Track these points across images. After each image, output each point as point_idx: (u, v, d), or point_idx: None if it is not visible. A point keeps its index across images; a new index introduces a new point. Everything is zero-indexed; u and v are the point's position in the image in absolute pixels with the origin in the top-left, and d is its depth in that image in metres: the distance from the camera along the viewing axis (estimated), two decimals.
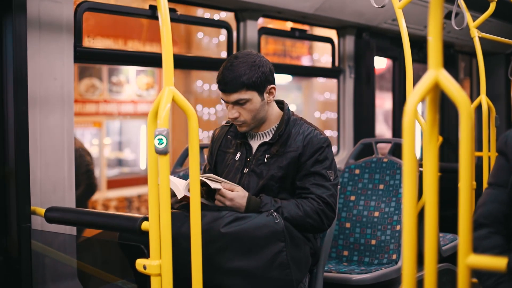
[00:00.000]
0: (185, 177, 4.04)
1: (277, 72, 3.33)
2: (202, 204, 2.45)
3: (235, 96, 3.10)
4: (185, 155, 4.23)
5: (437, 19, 1.44)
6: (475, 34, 4.81)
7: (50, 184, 3.39)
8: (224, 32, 4.96)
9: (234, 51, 4.90)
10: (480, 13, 4.87)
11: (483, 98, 4.44)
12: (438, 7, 1.43)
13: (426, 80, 1.46)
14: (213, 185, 2.97)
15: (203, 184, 2.97)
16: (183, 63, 4.93)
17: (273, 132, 3.27)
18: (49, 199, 3.36)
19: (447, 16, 6.47)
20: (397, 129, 6.95)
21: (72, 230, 3.47)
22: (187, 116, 2.25)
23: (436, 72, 1.45)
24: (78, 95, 8.00)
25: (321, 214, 3.12)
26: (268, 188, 3.17)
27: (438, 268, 1.43)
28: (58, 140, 3.43)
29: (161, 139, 2.11)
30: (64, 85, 3.46)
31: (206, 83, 9.00)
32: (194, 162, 2.26)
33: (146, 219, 2.50)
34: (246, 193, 3.09)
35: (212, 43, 8.71)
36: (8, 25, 3.01)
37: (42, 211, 3.05)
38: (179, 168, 4.19)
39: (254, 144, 3.30)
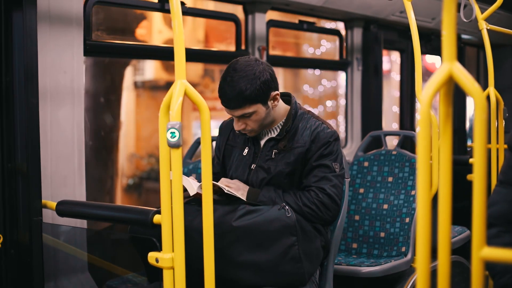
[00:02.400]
0: (194, 170, 4.04)
1: (283, 66, 3.32)
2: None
3: (239, 112, 3.07)
4: (194, 147, 4.22)
5: (451, 13, 1.43)
6: (483, 26, 4.79)
7: (60, 177, 3.41)
8: (324, 43, 4.93)
9: (243, 45, 4.89)
10: (488, 5, 4.85)
11: (491, 90, 4.42)
12: (452, 0, 1.43)
13: (440, 73, 1.45)
14: (225, 189, 2.97)
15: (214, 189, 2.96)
16: (195, 56, 4.92)
17: (280, 127, 3.25)
18: (60, 192, 3.37)
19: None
20: (404, 122, 6.93)
21: (82, 223, 3.48)
22: (199, 109, 2.23)
23: (450, 65, 1.44)
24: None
25: (320, 205, 3.09)
26: (276, 183, 3.16)
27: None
28: (68, 133, 3.44)
29: (174, 132, 2.10)
30: (74, 78, 3.47)
31: (311, 87, 9.34)
32: (206, 155, 2.25)
33: (158, 212, 2.50)
34: (244, 187, 3.14)
35: (315, 54, 8.98)
36: (18, 19, 3.01)
37: (53, 204, 3.06)
38: (189, 160, 4.18)
39: (262, 139, 3.28)
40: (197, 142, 4.23)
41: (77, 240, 3.43)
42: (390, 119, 8.47)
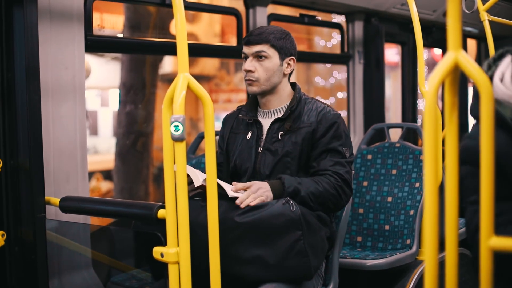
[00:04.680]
0: (197, 165, 4.03)
1: None
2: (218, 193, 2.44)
3: (257, 48, 3.17)
4: (197, 142, 4.21)
5: (456, 1, 1.42)
6: (485, 17, 4.79)
7: (63, 173, 3.40)
8: (335, 35, 4.93)
9: None
10: None
11: None
12: None
13: (446, 62, 1.44)
14: (230, 193, 2.90)
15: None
16: (197, 50, 4.91)
17: (284, 109, 3.27)
18: (63, 188, 3.37)
19: None
20: (406, 114, 6.92)
21: (86, 219, 3.47)
22: (203, 102, 2.22)
23: (455, 54, 1.44)
24: (234, 85, 8.96)
25: (339, 190, 3.10)
26: (284, 165, 3.16)
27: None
28: (70, 129, 3.44)
29: (177, 126, 2.10)
30: (75, 74, 3.46)
31: (322, 78, 9.62)
32: (210, 149, 2.24)
33: (163, 206, 2.49)
34: (263, 183, 3.04)
35: (326, 47, 9.16)
36: (19, 15, 3.00)
37: (56, 201, 3.05)
38: (192, 155, 4.17)
39: (265, 121, 3.28)
40: (200, 137, 4.23)
41: (81, 236, 3.43)
42: (399, 111, 8.47)
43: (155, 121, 7.06)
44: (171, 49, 4.22)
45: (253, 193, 2.94)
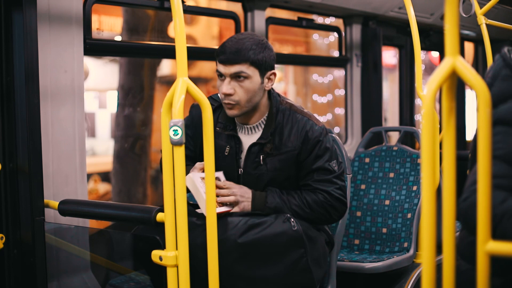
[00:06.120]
0: None
1: (282, 63, 3.28)
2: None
3: (236, 68, 2.89)
4: None
5: (453, 7, 1.43)
6: (482, 21, 4.80)
7: (62, 176, 3.41)
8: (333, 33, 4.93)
9: None
10: None
11: None
12: None
13: (444, 68, 1.45)
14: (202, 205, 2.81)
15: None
16: (195, 54, 4.91)
17: (262, 125, 3.06)
18: (62, 191, 3.37)
19: None
20: (404, 118, 6.94)
21: (84, 222, 3.48)
22: (201, 106, 2.23)
23: (453, 59, 1.45)
24: None
25: (329, 208, 3.02)
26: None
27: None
28: (69, 132, 3.45)
29: (176, 130, 2.10)
30: (74, 77, 3.46)
31: (320, 76, 9.54)
32: (209, 155, 2.23)
33: (161, 210, 2.50)
34: (248, 192, 2.98)
35: (324, 43, 9.27)
36: (18, 19, 3.01)
37: (55, 204, 3.06)
38: None
39: (244, 138, 3.09)
40: None
41: (79, 239, 3.44)
42: (396, 113, 8.49)
43: (153, 124, 7.07)
44: (170, 53, 4.25)
45: (235, 195, 2.93)
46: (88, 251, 3.41)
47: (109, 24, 7.00)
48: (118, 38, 6.78)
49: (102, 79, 8.07)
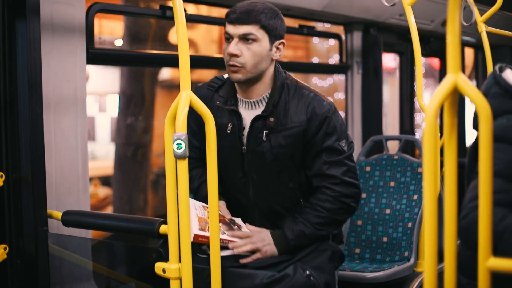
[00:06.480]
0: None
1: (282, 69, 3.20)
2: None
3: (245, 29, 2.80)
4: None
5: (455, 24, 1.44)
6: (483, 29, 4.81)
7: (65, 186, 3.41)
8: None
9: None
10: (486, 6, 4.86)
11: None
12: (456, 12, 1.44)
13: (445, 84, 1.47)
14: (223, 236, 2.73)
15: None
16: (197, 63, 4.89)
17: (266, 100, 2.94)
18: (65, 201, 3.38)
19: None
20: (404, 125, 6.94)
21: (87, 232, 3.49)
22: (205, 120, 2.24)
23: (455, 77, 1.46)
24: None
25: (342, 199, 2.91)
26: (276, 168, 2.93)
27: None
28: (72, 142, 3.45)
29: (180, 143, 2.12)
30: (77, 87, 3.47)
31: (320, 79, 9.65)
32: (212, 170, 2.24)
33: (164, 222, 2.51)
34: (266, 234, 2.90)
35: (324, 47, 9.36)
36: (21, 29, 3.01)
37: (58, 214, 3.06)
38: None
39: (246, 114, 2.97)
40: None
41: (81, 249, 3.44)
42: (395, 117, 8.48)
43: (154, 130, 7.09)
44: (173, 62, 4.26)
45: (252, 243, 2.84)
46: (91, 260, 3.41)
47: (109, 28, 7.00)
48: (119, 42, 6.79)
49: (102, 83, 8.08)
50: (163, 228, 2.52)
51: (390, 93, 9.73)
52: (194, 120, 2.98)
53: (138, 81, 6.86)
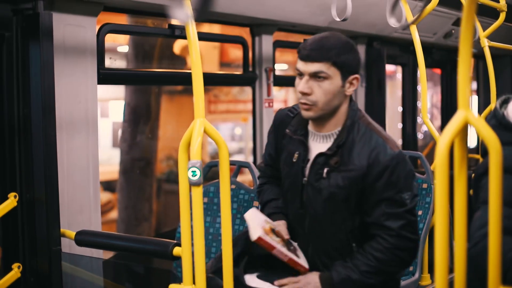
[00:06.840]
0: (204, 194, 3.87)
1: (290, 85, 3.12)
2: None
3: (316, 66, 2.68)
4: (205, 171, 3.96)
5: (467, 63, 1.48)
6: (485, 43, 4.86)
7: (77, 205, 3.45)
8: None
9: (250, 66, 4.94)
10: (487, 18, 4.90)
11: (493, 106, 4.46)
12: (467, 52, 1.48)
13: (457, 120, 1.50)
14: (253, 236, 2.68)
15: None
16: (210, 80, 4.88)
17: (335, 136, 2.82)
18: (76, 220, 3.42)
19: (456, 23, 6.53)
20: (407, 139, 6.97)
21: (99, 251, 3.53)
22: (218, 147, 2.24)
23: (465, 113, 1.50)
24: (233, 96, 9.45)
25: (396, 251, 2.75)
26: (332, 207, 2.80)
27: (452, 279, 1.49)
28: (83, 161, 3.49)
29: (195, 171, 2.13)
30: (88, 107, 3.51)
31: None
32: (225, 198, 2.25)
33: (178, 244, 2.54)
34: (314, 278, 2.82)
35: None
36: (35, 51, 3.05)
37: (71, 234, 3.10)
38: None
39: (314, 146, 2.87)
40: (208, 166, 3.90)
41: (93, 268, 3.47)
42: (395, 121, 8.48)
43: (159, 140, 7.12)
44: (183, 80, 4.29)
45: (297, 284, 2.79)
46: (102, 277, 3.45)
47: (112, 36, 7.05)
48: (123, 48, 6.80)
49: (104, 89, 8.13)
50: (176, 250, 2.56)
51: (389, 95, 9.76)
52: (276, 135, 3.01)
53: (144, 88, 6.90)
